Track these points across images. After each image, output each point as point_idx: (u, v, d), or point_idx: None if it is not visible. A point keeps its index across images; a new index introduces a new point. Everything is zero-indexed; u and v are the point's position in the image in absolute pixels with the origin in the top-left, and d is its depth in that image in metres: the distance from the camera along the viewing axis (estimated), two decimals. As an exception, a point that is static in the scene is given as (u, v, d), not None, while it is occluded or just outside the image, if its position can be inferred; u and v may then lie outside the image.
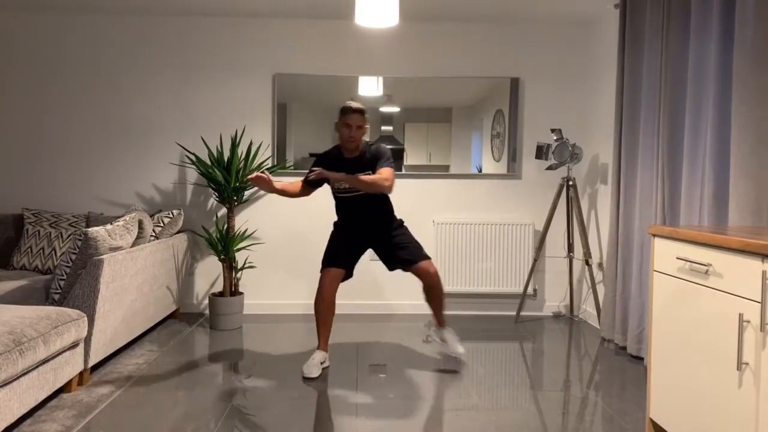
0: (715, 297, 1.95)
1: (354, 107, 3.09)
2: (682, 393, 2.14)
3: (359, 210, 3.23)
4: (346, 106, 3.11)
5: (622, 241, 3.59)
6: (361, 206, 3.21)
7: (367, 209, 3.23)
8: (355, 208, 3.23)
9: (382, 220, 3.28)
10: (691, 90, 2.92)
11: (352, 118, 3.09)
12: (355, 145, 3.14)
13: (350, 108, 3.09)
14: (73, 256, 2.95)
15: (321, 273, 3.21)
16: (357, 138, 3.12)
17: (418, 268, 3.17)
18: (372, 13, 2.87)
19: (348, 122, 3.09)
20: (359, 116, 3.10)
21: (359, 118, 3.10)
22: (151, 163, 4.43)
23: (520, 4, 4.05)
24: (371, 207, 3.23)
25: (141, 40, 4.39)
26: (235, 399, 2.77)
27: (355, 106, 3.10)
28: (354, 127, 3.09)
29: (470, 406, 2.72)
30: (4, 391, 2.20)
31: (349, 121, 3.09)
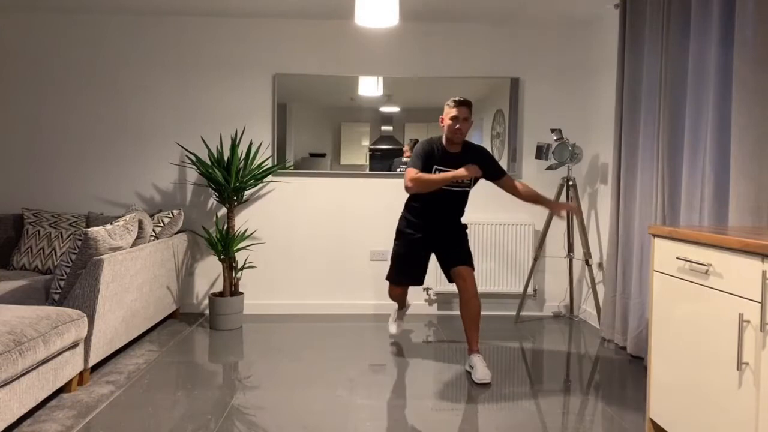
0: (715, 297, 1.95)
1: (461, 99, 3.09)
2: (682, 393, 2.14)
3: (453, 205, 3.25)
4: (454, 99, 3.10)
5: (622, 241, 3.59)
6: (457, 202, 3.24)
7: (458, 205, 3.27)
8: (451, 202, 3.23)
9: (458, 217, 3.32)
10: (691, 90, 2.92)
11: (460, 110, 3.07)
12: (462, 137, 3.13)
13: (458, 100, 3.08)
14: (73, 256, 2.95)
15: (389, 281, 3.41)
16: (464, 130, 3.11)
17: (458, 271, 3.15)
18: (372, 13, 2.87)
19: (456, 115, 3.07)
20: (466, 108, 3.09)
21: (466, 110, 3.09)
22: (151, 163, 4.43)
23: (520, 4, 4.05)
24: (462, 204, 3.28)
25: (141, 40, 4.39)
26: (235, 399, 2.77)
27: (461, 99, 3.09)
28: (461, 119, 3.08)
29: (470, 406, 2.72)
30: (4, 391, 2.20)
31: (458, 113, 3.07)
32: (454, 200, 3.23)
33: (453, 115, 3.08)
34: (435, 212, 3.25)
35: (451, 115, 3.08)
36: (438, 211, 3.25)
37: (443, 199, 3.21)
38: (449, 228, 3.29)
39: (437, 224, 3.27)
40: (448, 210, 3.26)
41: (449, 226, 3.29)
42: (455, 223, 3.31)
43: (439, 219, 3.27)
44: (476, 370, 3.06)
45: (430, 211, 3.25)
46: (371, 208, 4.50)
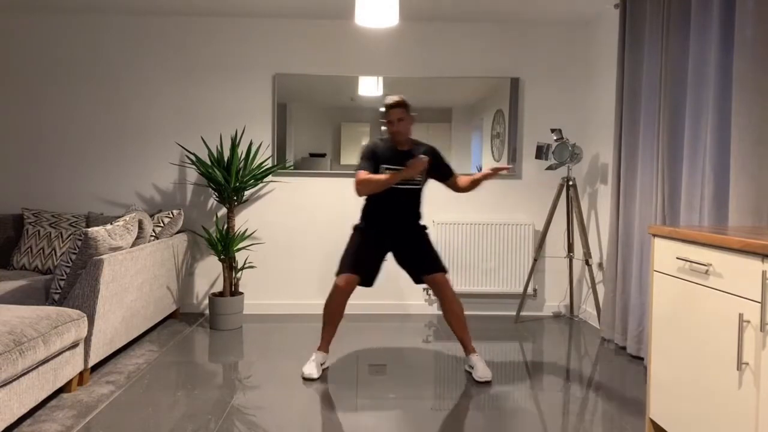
0: (715, 297, 1.95)
1: (391, 102, 3.10)
2: (682, 393, 2.14)
3: (405, 203, 3.20)
4: (386, 102, 3.12)
5: (622, 241, 3.59)
6: (409, 200, 3.20)
7: (411, 204, 3.22)
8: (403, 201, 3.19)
9: (416, 217, 3.27)
10: (691, 90, 2.92)
11: (391, 114, 3.11)
12: (404, 137, 3.14)
13: (389, 104, 3.11)
14: (73, 256, 2.95)
15: (337, 276, 3.16)
16: (402, 130, 3.12)
17: (434, 279, 3.14)
18: (372, 13, 2.87)
19: (389, 118, 3.12)
20: (398, 109, 3.10)
21: (398, 111, 3.10)
22: (151, 163, 4.43)
23: (520, 4, 4.05)
24: (415, 203, 3.23)
25: (141, 40, 4.39)
26: (235, 399, 2.77)
27: (392, 101, 3.10)
28: (396, 121, 3.10)
29: (470, 406, 2.72)
30: (4, 391, 2.20)
31: (390, 117, 3.11)
32: (405, 199, 3.19)
33: (388, 120, 3.12)
34: (388, 212, 3.21)
35: (388, 119, 3.12)
36: (391, 211, 3.21)
37: (395, 199, 3.17)
38: (407, 229, 3.24)
39: (393, 224, 3.23)
40: (401, 209, 3.21)
41: (406, 227, 3.24)
42: (412, 224, 3.26)
43: (394, 219, 3.22)
44: (477, 369, 3.07)
45: (383, 211, 3.22)
46: (371, 208, 4.50)
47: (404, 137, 3.15)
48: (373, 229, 3.24)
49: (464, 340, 3.18)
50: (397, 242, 3.23)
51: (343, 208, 4.50)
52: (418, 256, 3.20)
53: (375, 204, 3.24)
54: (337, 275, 3.17)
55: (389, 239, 3.23)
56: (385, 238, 3.22)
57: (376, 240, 3.21)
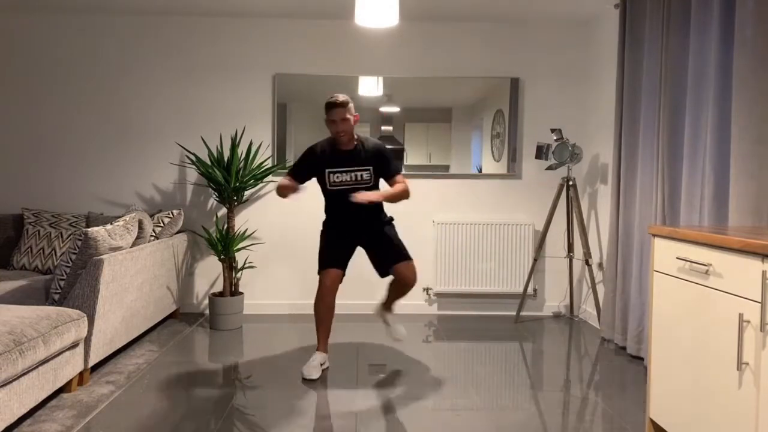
0: (715, 297, 1.95)
1: (334, 102, 3.06)
2: (682, 393, 2.14)
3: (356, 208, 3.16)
4: (327, 102, 3.08)
5: (622, 241, 3.59)
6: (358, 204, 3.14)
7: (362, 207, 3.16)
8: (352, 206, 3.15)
9: (375, 212, 3.26)
10: (691, 90, 2.92)
11: (335, 113, 3.06)
12: (347, 137, 3.12)
13: (331, 103, 3.06)
14: (73, 256, 2.95)
15: (320, 274, 3.17)
16: (346, 130, 3.09)
17: (397, 269, 3.15)
18: (372, 13, 2.87)
19: (332, 118, 3.07)
20: (341, 109, 3.05)
21: (341, 110, 3.05)
22: (151, 163, 4.43)
23: (520, 4, 4.05)
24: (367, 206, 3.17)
25: (141, 40, 4.39)
26: (235, 399, 2.77)
27: (334, 101, 3.06)
28: (339, 121, 3.07)
29: (470, 406, 2.72)
30: (4, 391, 2.20)
31: (333, 117, 3.07)
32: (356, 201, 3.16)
33: (330, 119, 3.08)
34: (343, 212, 3.21)
35: (330, 119, 3.08)
36: (346, 212, 3.19)
37: (343, 200, 3.15)
38: (368, 225, 3.24)
39: (351, 222, 3.23)
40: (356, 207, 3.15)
41: (366, 223, 3.23)
42: (375, 219, 3.25)
43: (350, 218, 3.21)
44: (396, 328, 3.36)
45: (338, 212, 3.23)
46: (371, 208, 4.50)
47: (347, 137, 3.12)
48: (336, 227, 3.26)
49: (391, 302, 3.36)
50: (362, 240, 3.26)
51: (343, 208, 4.50)
52: (385, 247, 3.21)
53: (328, 203, 3.26)
54: (320, 273, 3.18)
55: (354, 237, 3.25)
56: (349, 234, 3.24)
57: (342, 236, 3.24)
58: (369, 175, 3.16)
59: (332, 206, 3.26)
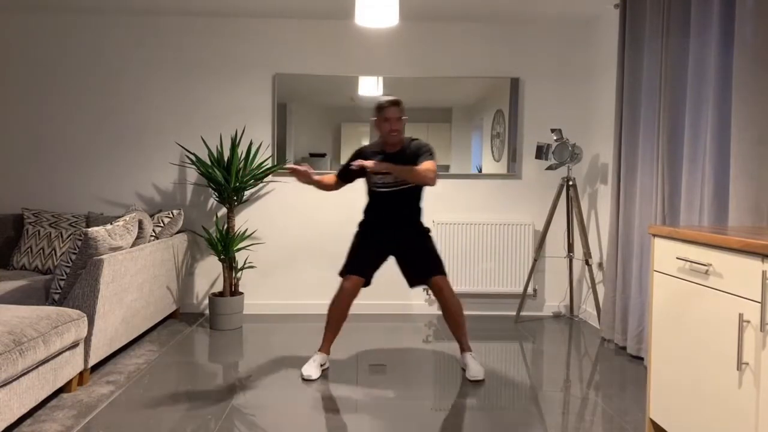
0: (715, 297, 1.95)
1: (391, 100, 3.08)
2: (682, 393, 2.14)
3: (394, 207, 3.18)
4: (382, 101, 3.09)
5: (622, 241, 3.59)
6: (397, 203, 3.17)
7: (401, 207, 3.19)
8: (391, 204, 3.18)
9: (414, 220, 3.24)
10: (691, 90, 2.92)
11: (390, 111, 3.07)
12: (398, 138, 3.12)
13: (387, 101, 3.08)
14: (73, 256, 2.95)
15: (342, 278, 3.16)
16: (399, 130, 3.10)
17: (434, 282, 3.14)
18: (372, 13, 2.87)
19: (387, 116, 3.07)
20: (396, 108, 3.07)
21: (396, 110, 3.07)
22: (151, 163, 4.44)
23: (520, 4, 4.05)
24: (406, 205, 3.20)
25: (141, 40, 4.39)
26: (235, 399, 2.77)
27: (391, 99, 3.08)
28: (394, 120, 3.07)
29: (470, 406, 2.72)
30: (4, 391, 2.20)
31: (388, 115, 3.07)
32: (393, 201, 3.16)
33: (384, 117, 3.08)
34: (381, 213, 3.21)
35: (384, 117, 3.08)
36: (384, 212, 3.20)
37: (383, 201, 3.17)
38: (405, 234, 3.21)
39: (389, 225, 3.21)
40: (393, 211, 3.18)
41: (403, 230, 3.21)
42: (409, 227, 3.23)
43: (389, 220, 3.21)
44: (469, 368, 3.09)
45: (376, 213, 3.23)
46: (371, 208, 4.50)
47: (398, 138, 3.12)
48: (372, 228, 3.24)
49: (459, 339, 3.21)
50: (398, 247, 3.22)
51: (343, 208, 4.50)
52: (419, 259, 3.19)
53: (369, 206, 3.26)
54: (342, 275, 3.17)
55: (389, 244, 3.22)
56: (384, 240, 3.21)
57: (379, 242, 3.21)
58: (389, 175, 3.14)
59: (373, 207, 3.24)
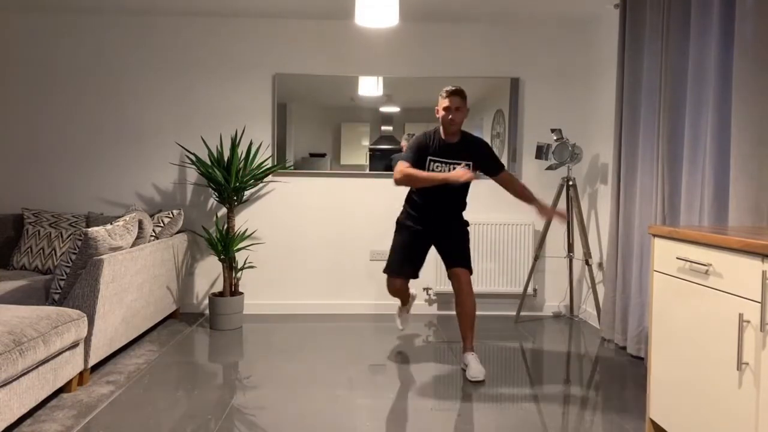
0: (715, 297, 1.95)
1: (452, 89, 3.10)
2: (682, 393, 2.14)
3: (448, 201, 3.22)
4: (444, 90, 3.12)
5: (622, 241, 3.59)
6: (451, 198, 3.21)
7: (454, 201, 3.23)
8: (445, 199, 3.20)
9: (460, 213, 3.30)
10: (691, 90, 2.92)
11: (451, 100, 3.08)
12: (457, 127, 3.13)
13: (449, 90, 3.10)
14: (73, 256, 2.95)
15: (386, 274, 3.29)
16: (457, 120, 3.11)
17: (455, 272, 3.17)
18: (372, 13, 2.87)
19: (448, 105, 3.09)
20: (458, 98, 3.09)
21: (458, 99, 3.09)
22: (151, 163, 4.43)
23: (520, 4, 4.05)
24: (458, 199, 3.25)
25: (141, 40, 4.39)
26: (235, 399, 2.77)
27: (454, 88, 3.11)
28: (454, 109, 3.09)
29: (470, 406, 2.72)
30: (4, 391, 2.20)
31: (449, 104, 3.08)
32: (453, 193, 3.21)
33: (445, 106, 3.10)
34: (435, 205, 3.23)
35: (444, 105, 3.10)
36: (438, 204, 3.23)
37: (442, 192, 3.19)
38: (450, 222, 3.27)
39: (438, 217, 3.26)
40: (448, 203, 3.24)
41: (450, 219, 3.27)
42: (456, 217, 3.29)
43: (440, 212, 3.25)
44: (470, 368, 3.09)
45: (430, 204, 3.24)
46: (371, 208, 4.50)
47: (457, 127, 3.14)
48: (418, 224, 3.26)
49: (466, 336, 3.22)
50: (441, 235, 3.27)
51: (343, 208, 4.50)
52: (453, 249, 3.23)
53: (423, 196, 3.25)
54: (387, 273, 3.30)
55: (433, 232, 3.27)
56: (429, 230, 3.26)
57: (422, 235, 3.26)
58: (468, 168, 3.17)
59: (425, 199, 3.23)
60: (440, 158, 3.15)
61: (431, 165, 3.17)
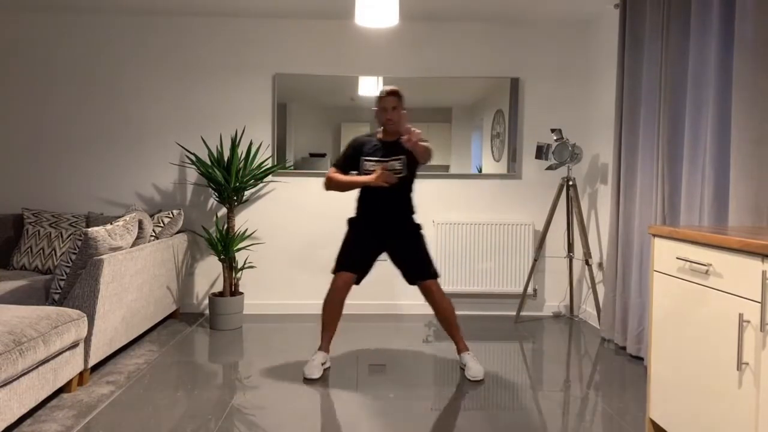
0: (715, 297, 1.95)
1: (388, 90, 3.12)
2: (682, 393, 2.14)
3: (390, 199, 3.18)
4: (381, 90, 3.15)
5: (622, 241, 3.59)
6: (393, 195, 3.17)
7: (397, 199, 3.20)
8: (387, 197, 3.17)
9: (408, 214, 3.25)
10: (691, 90, 2.92)
11: (387, 101, 3.11)
12: (395, 127, 3.13)
13: (385, 91, 3.13)
14: (73, 256, 2.95)
15: (334, 275, 3.18)
16: (395, 120, 3.12)
17: (425, 286, 3.16)
18: (372, 13, 2.88)
19: (384, 105, 3.12)
20: (394, 98, 3.11)
21: (394, 99, 3.11)
22: (151, 163, 4.43)
23: (520, 4, 4.05)
24: (402, 197, 3.21)
25: (141, 40, 4.39)
26: (235, 399, 2.77)
27: (389, 89, 3.13)
28: (390, 109, 3.11)
29: (470, 406, 2.72)
30: (4, 391, 2.20)
31: (385, 104, 3.12)
32: (390, 193, 3.14)
33: (382, 106, 3.13)
34: (376, 206, 3.20)
35: (381, 106, 3.13)
36: (379, 205, 3.19)
37: (380, 193, 3.15)
38: (399, 227, 3.22)
39: (383, 218, 3.21)
40: (388, 204, 3.18)
41: (397, 222, 3.22)
42: (404, 220, 3.23)
43: (383, 213, 3.20)
44: (469, 368, 3.09)
45: (372, 206, 3.22)
46: (371, 208, 4.50)
47: (395, 127, 3.13)
48: (365, 226, 3.24)
49: (455, 339, 3.23)
50: (391, 242, 3.22)
51: (343, 208, 4.50)
52: (411, 260, 3.20)
53: (363, 195, 3.26)
54: (334, 272, 3.19)
55: (382, 238, 3.22)
56: (378, 236, 3.21)
57: (370, 239, 3.22)
58: (401, 164, 3.14)
59: (365, 198, 3.24)
60: (375, 158, 3.15)
61: (366, 164, 3.17)
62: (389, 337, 3.87)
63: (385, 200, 3.18)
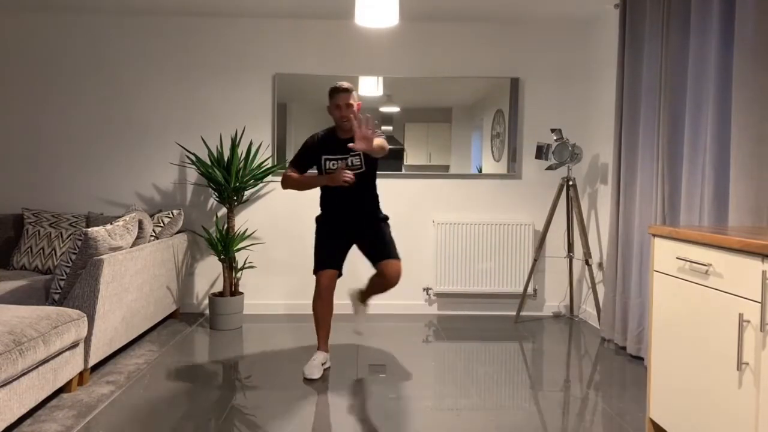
0: (715, 297, 1.95)
1: (339, 87, 3.10)
2: (682, 393, 2.14)
3: (355, 194, 3.17)
4: (332, 88, 3.12)
5: (622, 241, 3.59)
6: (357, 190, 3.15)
7: (361, 193, 3.19)
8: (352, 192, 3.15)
9: (374, 207, 3.27)
10: (691, 90, 2.92)
11: (339, 98, 3.09)
12: (350, 124, 3.11)
13: (337, 88, 3.10)
14: (73, 256, 2.95)
15: (316, 275, 3.20)
16: (348, 116, 3.10)
17: (383, 266, 3.12)
18: (372, 13, 2.87)
19: (336, 103, 3.10)
20: (346, 94, 3.09)
21: (346, 96, 3.09)
22: (151, 163, 4.43)
23: (520, 4, 4.05)
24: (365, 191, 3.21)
25: (141, 40, 4.39)
26: (235, 399, 2.77)
27: (339, 86, 3.10)
28: (343, 106, 3.09)
29: (470, 406, 2.72)
30: (4, 391, 2.20)
31: (338, 102, 3.10)
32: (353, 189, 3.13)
33: (335, 104, 3.11)
34: (339, 200, 3.20)
35: (334, 103, 3.11)
36: (342, 199, 3.19)
37: (342, 190, 3.14)
38: (364, 219, 3.23)
39: (347, 213, 3.22)
40: (351, 197, 3.17)
41: (362, 215, 3.23)
42: (369, 214, 3.25)
43: (347, 207, 3.21)
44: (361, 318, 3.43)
45: (335, 202, 3.22)
46: (371, 208, 4.50)
47: (349, 124, 3.11)
48: (331, 222, 3.26)
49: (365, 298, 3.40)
50: (357, 235, 3.24)
51: (343, 208, 4.50)
52: (377, 244, 3.20)
53: (324, 194, 3.27)
54: (315, 272, 3.22)
55: (348, 232, 3.24)
56: (344, 231, 3.23)
57: (338, 233, 3.24)
58: (359, 160, 3.14)
59: (328, 197, 3.25)
60: (335, 155, 3.15)
61: (327, 163, 3.16)
62: (389, 337, 3.87)
63: (348, 197, 3.18)
